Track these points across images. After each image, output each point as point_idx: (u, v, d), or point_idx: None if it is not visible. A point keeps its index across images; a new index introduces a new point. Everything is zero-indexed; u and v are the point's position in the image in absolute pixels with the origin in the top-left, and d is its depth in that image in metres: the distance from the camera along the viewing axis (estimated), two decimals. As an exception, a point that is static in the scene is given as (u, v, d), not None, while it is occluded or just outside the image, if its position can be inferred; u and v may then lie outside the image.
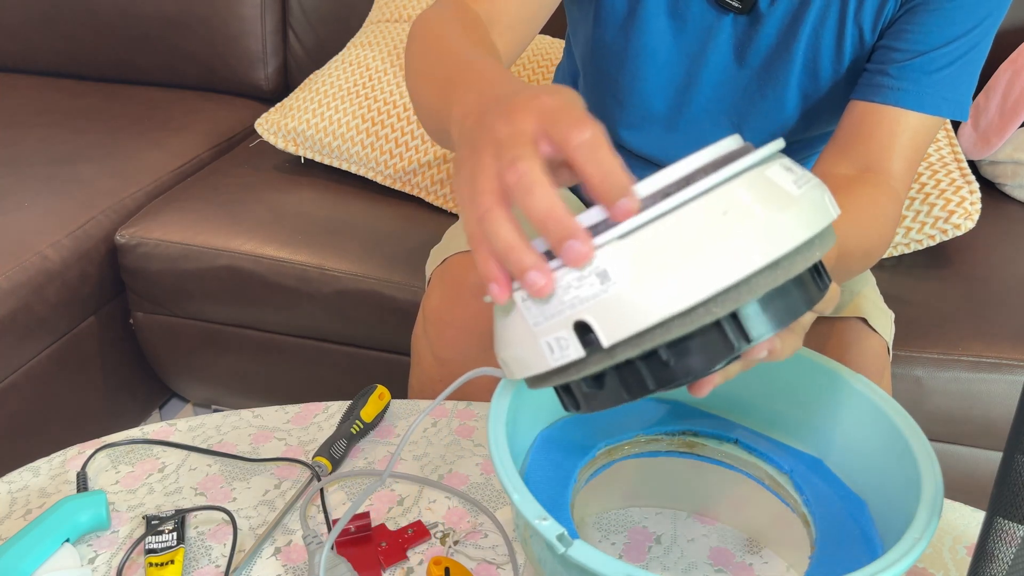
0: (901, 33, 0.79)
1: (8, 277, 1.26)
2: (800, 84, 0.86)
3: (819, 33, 0.82)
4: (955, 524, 0.67)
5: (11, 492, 0.71)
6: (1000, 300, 1.21)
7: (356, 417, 0.76)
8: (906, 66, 0.78)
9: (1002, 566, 0.39)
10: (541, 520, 0.47)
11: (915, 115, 0.78)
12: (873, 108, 0.79)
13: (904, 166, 0.79)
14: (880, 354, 0.89)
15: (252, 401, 1.50)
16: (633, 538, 0.67)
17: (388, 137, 1.43)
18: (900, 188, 0.80)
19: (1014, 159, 1.41)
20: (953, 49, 0.78)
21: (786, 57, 0.84)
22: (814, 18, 0.81)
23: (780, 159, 0.44)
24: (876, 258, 0.79)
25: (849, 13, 0.80)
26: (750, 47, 0.85)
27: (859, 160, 0.80)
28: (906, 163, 0.80)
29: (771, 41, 0.84)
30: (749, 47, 0.85)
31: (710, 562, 0.65)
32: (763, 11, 0.82)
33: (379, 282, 1.31)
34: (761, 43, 0.84)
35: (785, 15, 0.82)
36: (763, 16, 0.83)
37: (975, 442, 1.18)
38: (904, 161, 0.79)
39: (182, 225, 1.41)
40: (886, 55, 0.80)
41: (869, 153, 0.79)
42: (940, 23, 0.77)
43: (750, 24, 0.84)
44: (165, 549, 0.64)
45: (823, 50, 0.83)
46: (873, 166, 0.79)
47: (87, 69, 1.89)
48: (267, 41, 1.82)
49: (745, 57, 0.86)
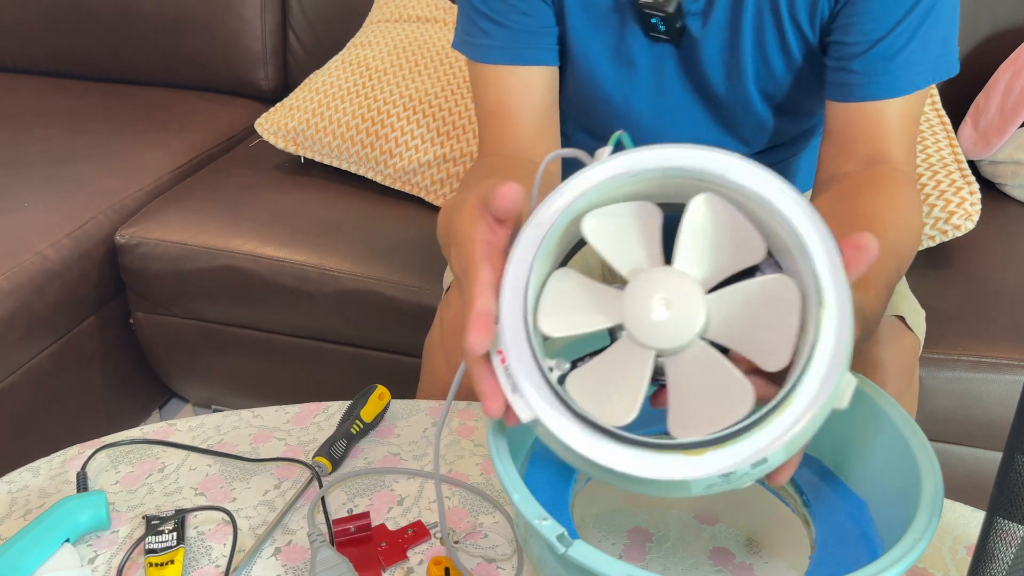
0: (849, 26, 0.78)
1: (8, 277, 1.26)
2: (762, 92, 0.86)
3: (761, 42, 0.82)
4: (955, 524, 0.67)
5: (11, 492, 0.71)
6: (1000, 300, 1.21)
7: (356, 417, 0.76)
8: (867, 57, 0.77)
9: (1002, 566, 0.39)
10: (541, 520, 0.47)
11: (895, 100, 0.78)
12: (852, 107, 0.79)
13: (904, 149, 0.79)
14: (913, 352, 0.89)
15: (252, 401, 1.50)
16: (633, 538, 0.67)
17: (388, 137, 1.43)
18: (909, 170, 0.80)
19: (1014, 159, 1.41)
20: (907, 25, 0.76)
21: (737, 71, 0.85)
22: (751, 29, 0.81)
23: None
24: (916, 249, 0.79)
25: (784, 17, 0.80)
26: (699, 70, 0.86)
27: (860, 155, 0.80)
28: (905, 145, 0.80)
29: (716, 60, 0.84)
30: (699, 70, 0.86)
31: (710, 562, 0.65)
32: (697, 35, 0.83)
33: (379, 282, 1.31)
34: (708, 64, 0.85)
35: (721, 32, 0.82)
36: (699, 40, 0.83)
37: (975, 442, 1.18)
38: (902, 145, 0.79)
39: (182, 225, 1.41)
40: (843, 51, 0.79)
41: (866, 148, 0.80)
42: (883, 5, 0.76)
43: (691, 50, 0.84)
44: (165, 549, 0.64)
45: (771, 56, 0.83)
46: (875, 157, 0.79)
47: (87, 69, 1.89)
48: (267, 41, 1.82)
49: (698, 80, 0.87)
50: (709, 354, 0.47)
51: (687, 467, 0.44)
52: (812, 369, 0.44)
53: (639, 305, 0.47)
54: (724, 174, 0.48)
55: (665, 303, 0.47)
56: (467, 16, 0.87)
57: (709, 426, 0.45)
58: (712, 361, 0.47)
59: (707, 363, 0.47)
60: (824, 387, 0.44)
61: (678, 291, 0.47)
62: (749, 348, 0.47)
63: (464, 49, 0.88)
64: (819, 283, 0.45)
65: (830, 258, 0.45)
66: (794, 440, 0.43)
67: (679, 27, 0.82)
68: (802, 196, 0.47)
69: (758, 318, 0.46)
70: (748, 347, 0.47)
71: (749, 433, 0.44)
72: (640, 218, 0.50)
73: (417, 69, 1.50)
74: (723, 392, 0.46)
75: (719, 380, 0.46)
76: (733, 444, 0.44)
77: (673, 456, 0.44)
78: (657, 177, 0.49)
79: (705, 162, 0.48)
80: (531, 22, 0.84)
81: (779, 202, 0.47)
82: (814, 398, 0.44)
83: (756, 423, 0.44)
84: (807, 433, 0.44)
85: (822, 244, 0.46)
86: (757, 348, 0.46)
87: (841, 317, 0.44)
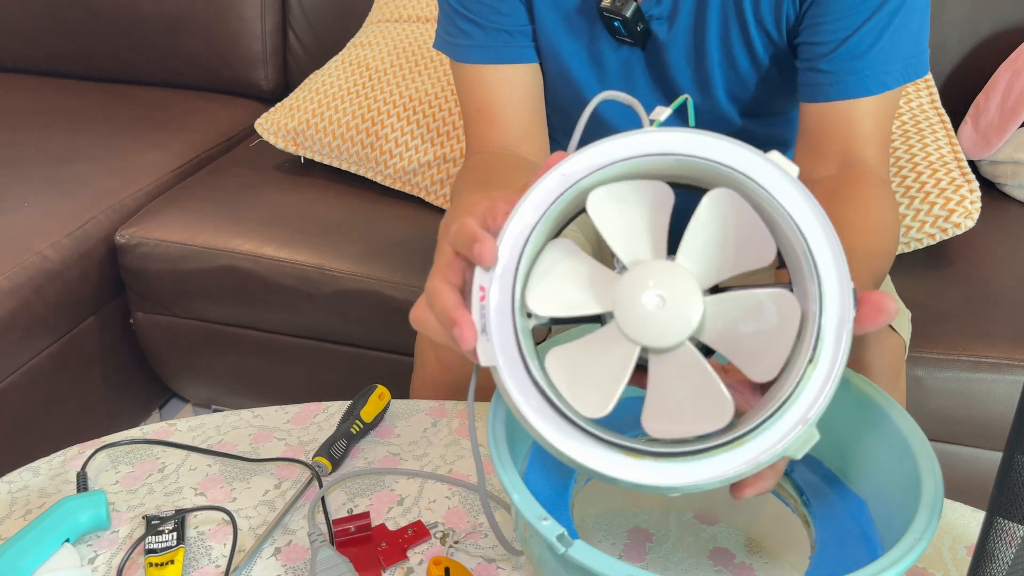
0: (816, 27, 0.78)
1: (8, 277, 1.26)
2: (730, 95, 0.86)
3: (727, 46, 0.82)
4: (955, 524, 0.67)
5: (11, 492, 0.71)
6: (1000, 300, 1.21)
7: (356, 417, 0.76)
8: (835, 57, 0.77)
9: (1002, 566, 0.39)
10: (541, 520, 0.47)
11: (866, 100, 0.77)
12: (823, 107, 0.79)
13: (876, 150, 0.79)
14: (898, 353, 0.89)
15: (252, 401, 1.50)
16: (633, 538, 0.67)
17: (388, 137, 1.43)
18: (883, 172, 0.80)
19: (1014, 159, 1.41)
20: (875, 24, 0.76)
21: (704, 75, 0.85)
22: (716, 34, 0.82)
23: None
24: (894, 250, 0.79)
25: (749, 21, 0.80)
26: (667, 74, 0.86)
27: (834, 158, 0.79)
28: (877, 146, 0.79)
29: (683, 63, 0.85)
30: (666, 74, 0.86)
31: (710, 562, 0.65)
32: (663, 39, 0.83)
33: (379, 282, 1.31)
34: (675, 68, 0.85)
35: (687, 37, 0.83)
36: (665, 44, 0.84)
37: (975, 442, 1.18)
38: (874, 145, 0.79)
39: (182, 225, 1.41)
40: (812, 51, 0.78)
41: (839, 149, 0.79)
42: (848, 5, 0.75)
43: (657, 54, 0.85)
44: (165, 549, 0.64)
45: (738, 60, 0.83)
46: (848, 159, 0.79)
47: (87, 69, 1.89)
48: (267, 41, 1.82)
49: (666, 84, 0.87)
50: (696, 361, 0.46)
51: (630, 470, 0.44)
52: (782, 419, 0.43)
53: (632, 298, 0.46)
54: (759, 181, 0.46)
55: (660, 300, 0.45)
56: (447, 16, 0.87)
57: (680, 430, 0.45)
58: (698, 369, 0.46)
59: (693, 370, 0.46)
60: (784, 439, 0.43)
61: (675, 289, 0.45)
62: (738, 355, 0.46)
63: (445, 49, 0.89)
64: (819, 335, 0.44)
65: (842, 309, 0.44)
66: (742, 474, 0.44)
67: (641, 31, 0.82)
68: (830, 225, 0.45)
69: (753, 327, 0.45)
70: (737, 354, 0.46)
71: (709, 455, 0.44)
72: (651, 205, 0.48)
73: (417, 69, 1.50)
74: (703, 402, 0.45)
75: (702, 390, 0.45)
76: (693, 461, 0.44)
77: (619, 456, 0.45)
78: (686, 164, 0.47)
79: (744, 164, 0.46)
80: (507, 21, 0.85)
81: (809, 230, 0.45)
82: (772, 445, 0.43)
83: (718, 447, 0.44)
84: (756, 469, 0.44)
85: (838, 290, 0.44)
86: (746, 356, 0.45)
87: (828, 378, 0.44)
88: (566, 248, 0.49)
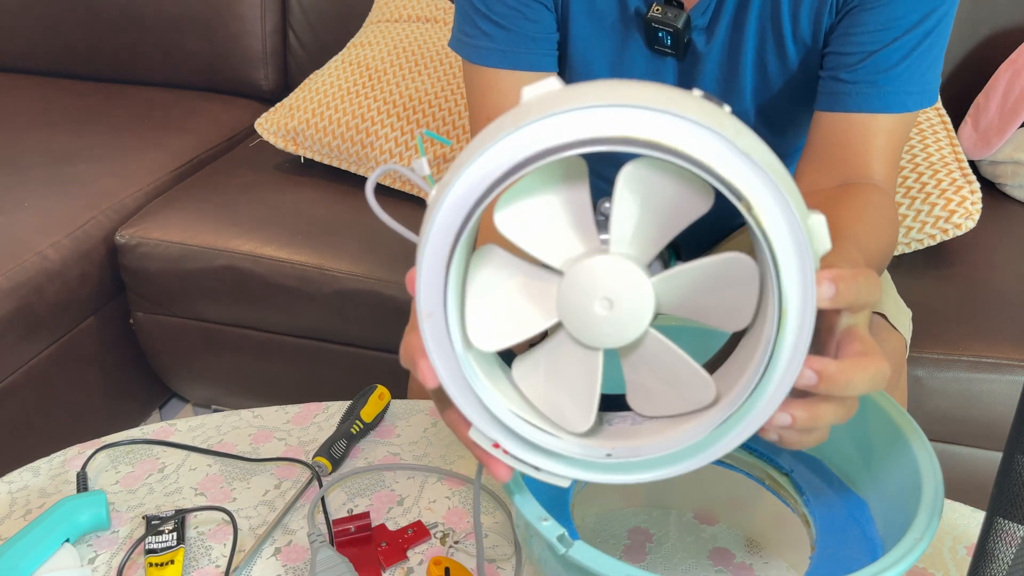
0: (846, 37, 0.77)
1: (8, 277, 1.26)
2: (758, 108, 0.85)
3: (762, 57, 0.82)
4: (955, 524, 0.67)
5: (11, 492, 0.71)
6: (1000, 300, 1.21)
7: (356, 417, 0.76)
8: (859, 69, 0.76)
9: (1002, 566, 0.39)
10: (542, 521, 0.47)
11: (883, 116, 0.76)
12: (839, 117, 0.78)
13: (886, 168, 0.78)
14: (899, 352, 0.88)
15: (252, 401, 1.50)
16: (633, 538, 0.67)
17: (388, 137, 1.43)
18: (888, 188, 0.79)
19: (1014, 159, 1.41)
20: (904, 42, 0.75)
21: (735, 86, 0.84)
22: (753, 45, 0.81)
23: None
24: (892, 253, 0.78)
25: (786, 30, 0.79)
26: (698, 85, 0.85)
27: (839, 172, 0.78)
28: (887, 165, 0.78)
29: (715, 75, 0.84)
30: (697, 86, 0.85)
31: (710, 562, 0.65)
32: (701, 50, 0.82)
33: (379, 282, 1.31)
34: (706, 80, 0.84)
35: (723, 48, 0.82)
36: (702, 55, 0.83)
37: (975, 442, 1.18)
38: (884, 164, 0.78)
39: (182, 225, 1.41)
40: (837, 60, 0.78)
41: (847, 164, 0.78)
42: (883, 20, 0.75)
43: (692, 65, 0.84)
44: (165, 549, 0.64)
45: (771, 72, 0.82)
46: (853, 177, 0.77)
47: (87, 69, 1.89)
48: (267, 41, 1.82)
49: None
50: (665, 348, 0.44)
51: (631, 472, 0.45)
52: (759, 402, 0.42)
53: (577, 308, 0.42)
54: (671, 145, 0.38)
55: (607, 303, 0.42)
56: (466, 16, 0.85)
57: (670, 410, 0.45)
58: (668, 355, 0.44)
59: (663, 357, 0.44)
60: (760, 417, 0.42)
61: (619, 287, 0.42)
62: (707, 315, 0.43)
63: (461, 50, 0.86)
64: (777, 265, 0.39)
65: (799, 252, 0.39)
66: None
67: (685, 42, 0.81)
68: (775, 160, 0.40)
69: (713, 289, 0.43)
70: (705, 314, 0.43)
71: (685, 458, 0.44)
72: (561, 183, 0.42)
73: (417, 69, 1.50)
74: (682, 383, 0.44)
75: (677, 372, 0.44)
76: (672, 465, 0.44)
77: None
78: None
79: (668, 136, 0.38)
80: (533, 27, 0.83)
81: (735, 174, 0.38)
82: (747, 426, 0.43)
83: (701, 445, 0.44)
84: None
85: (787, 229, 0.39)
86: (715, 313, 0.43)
87: (802, 320, 0.40)
88: (492, 259, 0.45)
